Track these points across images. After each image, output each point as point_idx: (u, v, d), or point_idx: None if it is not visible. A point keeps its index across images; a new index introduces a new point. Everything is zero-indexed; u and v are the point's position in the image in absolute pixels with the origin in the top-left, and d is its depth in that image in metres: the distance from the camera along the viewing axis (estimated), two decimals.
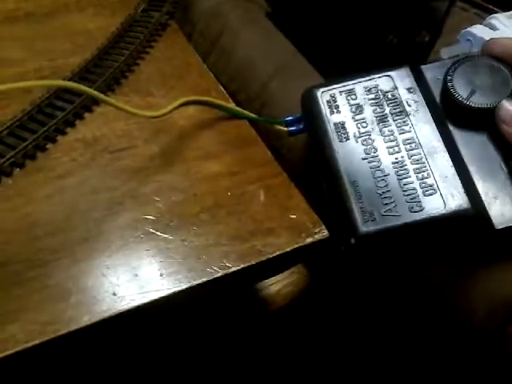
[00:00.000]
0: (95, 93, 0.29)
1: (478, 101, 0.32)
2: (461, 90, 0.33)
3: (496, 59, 0.33)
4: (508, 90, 0.32)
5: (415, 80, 0.35)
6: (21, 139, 0.33)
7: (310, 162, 0.38)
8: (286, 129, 0.37)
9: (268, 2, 0.50)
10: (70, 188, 0.32)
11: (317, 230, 0.31)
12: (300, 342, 0.41)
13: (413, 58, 0.45)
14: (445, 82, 0.34)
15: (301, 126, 0.37)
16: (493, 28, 0.46)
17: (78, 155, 0.33)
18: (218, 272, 0.28)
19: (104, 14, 0.44)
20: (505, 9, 0.49)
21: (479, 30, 0.45)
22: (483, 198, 0.30)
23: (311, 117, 0.36)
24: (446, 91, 0.34)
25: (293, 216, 0.32)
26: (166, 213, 0.31)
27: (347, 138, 0.33)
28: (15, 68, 0.38)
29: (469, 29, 0.46)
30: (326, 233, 0.31)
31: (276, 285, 0.38)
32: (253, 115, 0.37)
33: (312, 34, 0.46)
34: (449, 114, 0.34)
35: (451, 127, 0.33)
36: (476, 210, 0.29)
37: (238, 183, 0.33)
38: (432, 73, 0.36)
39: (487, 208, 0.30)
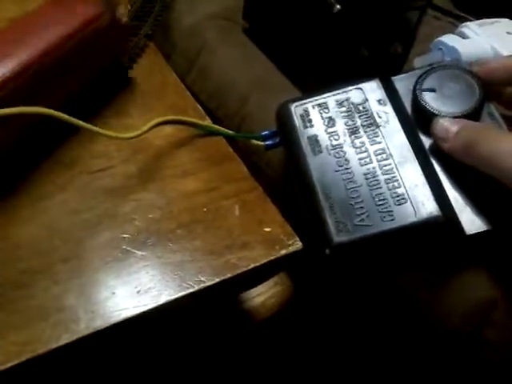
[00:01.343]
0: (74, 120, 0.30)
1: (447, 110, 0.33)
2: (429, 100, 0.34)
3: (464, 69, 0.34)
4: (475, 98, 0.33)
5: (386, 91, 0.35)
6: None
7: (287, 175, 0.39)
8: (262, 143, 0.38)
9: (245, 18, 0.51)
10: (50, 209, 0.33)
11: (291, 242, 0.32)
12: (286, 353, 0.42)
13: (387, 69, 0.46)
14: (414, 92, 0.35)
15: (277, 140, 0.38)
16: (464, 37, 0.47)
17: (55, 177, 0.34)
18: (194, 287, 0.29)
19: None
20: (477, 16, 0.50)
21: (450, 39, 0.47)
22: (454, 205, 0.31)
23: (286, 131, 0.37)
24: (416, 101, 0.35)
25: (267, 229, 0.33)
26: (143, 231, 0.32)
27: (320, 151, 0.34)
28: None
29: (440, 38, 0.47)
30: (299, 244, 0.32)
31: (260, 296, 0.39)
32: (228, 131, 0.38)
33: (288, 49, 0.47)
34: (419, 123, 0.34)
35: (422, 136, 0.34)
36: (446, 217, 0.30)
37: (214, 199, 0.34)
38: (403, 83, 0.37)
39: (458, 215, 0.31)
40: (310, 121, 0.36)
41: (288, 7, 0.45)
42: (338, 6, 0.39)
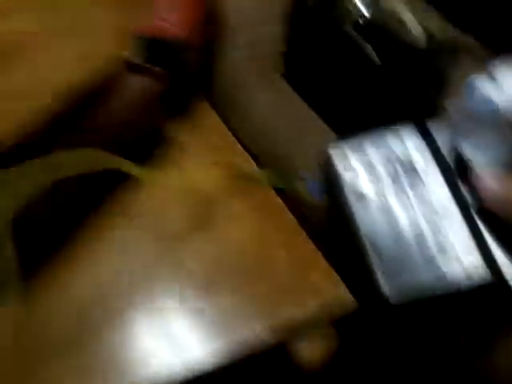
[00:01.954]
0: (134, 167, 0.32)
1: (485, 161, 0.34)
2: (468, 150, 0.35)
3: (502, 117, 0.35)
4: None
5: (424, 139, 0.36)
6: None
7: (331, 221, 0.40)
8: (306, 191, 0.39)
9: (284, 63, 0.52)
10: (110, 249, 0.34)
11: (340, 295, 0.33)
12: None
13: (420, 113, 0.48)
14: (452, 141, 0.35)
15: (320, 188, 0.39)
16: (495, 79, 0.48)
17: (116, 221, 0.35)
18: (245, 336, 0.30)
19: None
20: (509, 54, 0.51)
21: (482, 82, 0.48)
22: (499, 262, 0.31)
23: (328, 178, 0.38)
24: (454, 151, 0.35)
25: (317, 281, 0.34)
26: (199, 279, 0.33)
27: (362, 196, 0.35)
28: None
29: (471, 81, 0.49)
30: (350, 299, 0.33)
31: (305, 349, 0.39)
32: (275, 180, 0.40)
33: (325, 95, 0.49)
34: (458, 173, 0.35)
35: (462, 187, 0.35)
36: (495, 278, 0.30)
37: (264, 248, 0.35)
38: (440, 131, 0.37)
39: (504, 274, 0.31)
40: (352, 167, 0.37)
41: (327, 57, 0.47)
42: (378, 60, 0.41)
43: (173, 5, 0.43)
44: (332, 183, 0.37)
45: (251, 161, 0.41)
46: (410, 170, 0.35)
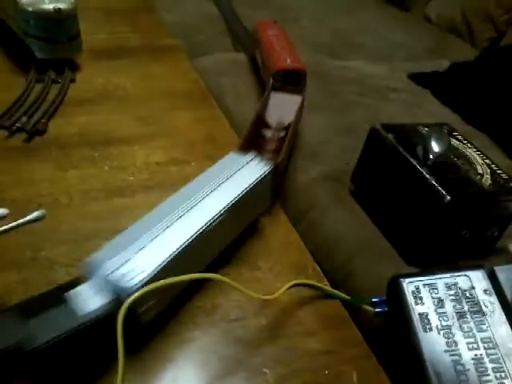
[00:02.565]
0: (226, 279, 0.36)
1: None
2: None
3: None
4: None
5: (490, 282, 0.40)
6: None
7: (390, 341, 0.42)
8: (372, 309, 0.42)
9: (352, 181, 0.57)
10: (193, 352, 0.37)
11: None
12: None
13: (482, 249, 0.51)
14: None
15: (386, 309, 0.42)
16: None
17: (200, 321, 0.39)
18: None
19: None
20: None
21: None
22: None
23: (397, 303, 0.41)
24: None
25: None
26: None
27: (430, 329, 0.38)
28: None
29: None
30: None
31: None
32: (345, 296, 0.43)
33: (392, 219, 0.53)
34: None
35: None
36: None
37: (333, 362, 0.38)
38: (505, 275, 0.41)
39: None
40: (421, 298, 0.40)
41: (397, 185, 0.52)
42: (449, 198, 0.45)
43: (291, 53, 0.73)
44: (400, 310, 0.40)
45: (324, 279, 0.45)
46: (477, 309, 0.39)
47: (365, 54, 1.09)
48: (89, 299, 0.33)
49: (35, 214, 0.44)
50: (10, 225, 0.43)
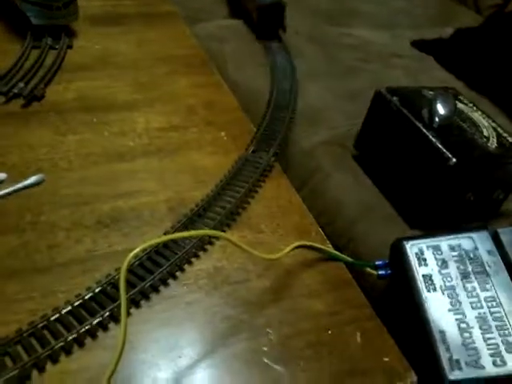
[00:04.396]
0: (233, 239, 0.36)
1: None
2: None
3: None
4: None
5: (494, 243, 0.40)
6: (158, 265, 0.39)
7: (393, 303, 0.42)
8: (375, 272, 0.42)
9: (355, 146, 0.57)
10: (197, 314, 0.37)
11: (407, 375, 0.35)
12: None
13: (487, 211, 0.51)
14: None
15: (389, 271, 0.42)
16: None
17: (203, 284, 0.39)
18: None
19: (219, 152, 0.52)
20: None
21: None
22: None
23: (400, 265, 0.41)
24: None
25: (386, 360, 0.36)
26: (276, 345, 0.36)
27: (434, 290, 0.38)
28: (149, 197, 0.45)
29: None
30: (415, 378, 0.35)
31: None
32: (348, 258, 0.43)
33: (395, 180, 0.52)
34: None
35: None
36: None
37: (337, 323, 0.38)
38: (508, 236, 0.40)
39: None
40: (425, 260, 0.40)
41: (401, 149, 0.51)
42: (454, 160, 0.45)
43: None
44: (404, 272, 0.40)
45: (327, 241, 0.44)
46: (481, 270, 0.38)
47: (366, 21, 1.06)
48: None
49: (34, 179, 0.44)
50: (9, 189, 0.42)
